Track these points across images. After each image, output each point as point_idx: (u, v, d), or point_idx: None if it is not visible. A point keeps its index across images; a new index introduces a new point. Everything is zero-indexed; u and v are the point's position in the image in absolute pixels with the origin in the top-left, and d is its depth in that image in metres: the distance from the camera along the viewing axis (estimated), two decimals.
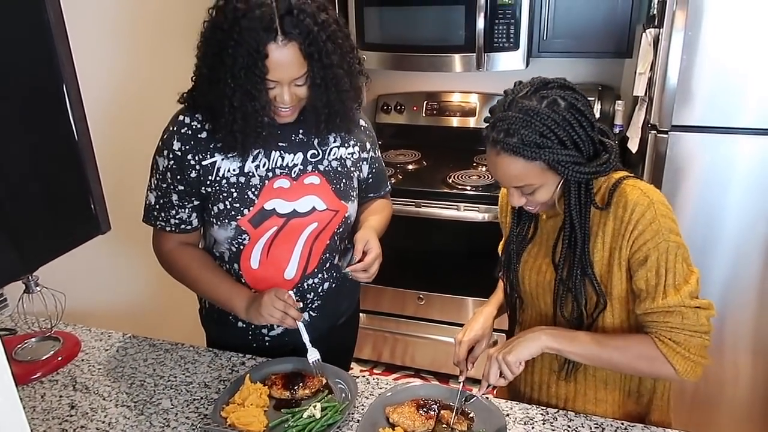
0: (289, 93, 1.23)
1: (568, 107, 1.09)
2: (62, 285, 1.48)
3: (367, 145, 1.48)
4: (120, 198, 1.68)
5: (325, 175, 1.38)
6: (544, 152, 1.07)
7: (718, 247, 2.01)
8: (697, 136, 1.95)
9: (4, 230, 0.77)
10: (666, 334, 1.14)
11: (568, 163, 1.09)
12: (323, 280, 1.44)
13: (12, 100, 0.79)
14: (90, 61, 1.74)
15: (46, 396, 1.34)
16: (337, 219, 1.40)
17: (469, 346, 1.31)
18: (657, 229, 1.11)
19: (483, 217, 2.41)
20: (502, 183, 1.18)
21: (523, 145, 1.07)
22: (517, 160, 1.09)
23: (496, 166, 1.14)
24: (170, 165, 1.32)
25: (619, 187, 1.16)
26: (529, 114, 1.08)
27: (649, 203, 1.12)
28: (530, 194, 1.15)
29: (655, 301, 1.13)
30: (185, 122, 1.31)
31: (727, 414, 2.21)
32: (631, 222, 1.12)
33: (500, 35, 2.41)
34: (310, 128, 1.34)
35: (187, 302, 1.65)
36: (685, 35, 1.84)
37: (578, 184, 1.14)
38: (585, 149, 1.11)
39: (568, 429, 1.20)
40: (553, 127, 1.07)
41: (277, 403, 1.28)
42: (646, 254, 1.12)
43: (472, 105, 2.89)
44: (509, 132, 1.08)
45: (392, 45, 2.59)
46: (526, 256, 1.29)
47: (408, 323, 2.76)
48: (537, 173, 1.11)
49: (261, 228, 1.34)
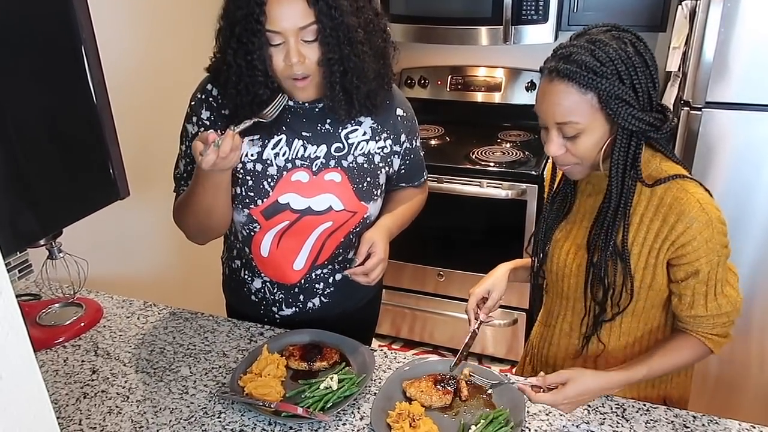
0: (297, 51, 1.13)
1: (637, 53, 1.05)
2: (85, 252, 1.50)
3: (402, 137, 1.36)
4: (143, 166, 1.69)
5: (348, 173, 1.30)
6: (600, 82, 1.02)
7: (748, 227, 1.96)
8: (732, 114, 1.88)
9: (23, 192, 0.77)
10: (712, 331, 1.15)
11: (623, 103, 1.03)
12: (333, 272, 1.40)
13: (30, 61, 0.78)
14: (112, 28, 1.73)
15: (69, 360, 1.36)
16: (355, 220, 1.33)
17: (479, 297, 1.29)
18: (712, 248, 1.09)
19: (506, 194, 2.38)
20: (546, 118, 1.09)
21: (580, 69, 1.02)
22: (570, 88, 1.03)
23: (544, 95, 1.08)
24: (199, 132, 1.27)
25: (674, 188, 1.10)
26: (594, 44, 1.04)
27: (708, 222, 1.08)
28: (572, 139, 1.08)
29: (708, 308, 1.13)
30: (213, 93, 1.27)
31: (752, 396, 2.17)
32: (685, 235, 1.08)
33: (529, 7, 2.34)
34: (331, 109, 1.24)
35: (208, 272, 1.66)
36: (724, 7, 1.76)
37: (627, 144, 1.07)
38: (642, 96, 1.05)
39: (588, 408, 1.19)
40: (615, 59, 1.02)
41: (294, 374, 1.28)
42: (697, 268, 1.10)
43: (498, 80, 2.83)
44: (569, 57, 1.04)
45: (417, 17, 2.54)
46: (558, 234, 1.25)
47: (427, 299, 2.76)
48: (586, 110, 1.05)
49: (273, 220, 1.29)
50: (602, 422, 1.15)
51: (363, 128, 1.31)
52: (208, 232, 1.34)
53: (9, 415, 0.58)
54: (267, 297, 1.43)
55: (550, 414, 1.17)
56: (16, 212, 0.80)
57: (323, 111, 1.28)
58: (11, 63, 0.78)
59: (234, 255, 1.45)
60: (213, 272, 1.59)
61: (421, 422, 1.10)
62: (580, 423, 1.15)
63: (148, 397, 1.24)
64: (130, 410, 1.20)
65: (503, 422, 1.12)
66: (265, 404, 1.16)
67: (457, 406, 1.19)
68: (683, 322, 1.17)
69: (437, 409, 1.18)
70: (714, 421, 1.15)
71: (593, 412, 1.18)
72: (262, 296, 1.44)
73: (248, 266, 1.41)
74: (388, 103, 1.34)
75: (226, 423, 1.17)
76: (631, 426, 1.14)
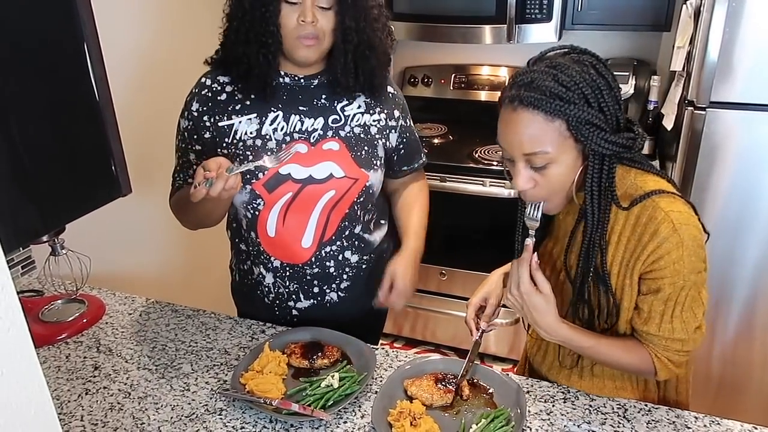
0: (312, 13, 1.20)
1: (600, 75, 1.01)
2: (88, 249, 1.50)
3: (396, 113, 1.43)
4: (146, 164, 1.69)
5: (345, 141, 1.34)
6: (568, 107, 0.97)
7: (752, 228, 1.95)
8: (737, 114, 1.87)
9: (25, 188, 0.77)
10: (663, 353, 1.11)
11: (593, 127, 0.99)
12: (342, 248, 1.41)
13: (32, 58, 0.78)
14: (115, 27, 1.73)
15: (71, 357, 1.36)
16: (357, 188, 1.36)
17: (476, 306, 1.29)
18: (679, 269, 1.04)
19: (509, 193, 2.37)
20: (511, 150, 1.04)
21: (545, 96, 0.97)
22: (536, 117, 0.99)
23: (508, 125, 1.03)
24: (188, 125, 1.34)
25: (649, 206, 1.06)
26: (556, 68, 1.00)
27: (678, 243, 1.03)
28: (541, 170, 1.03)
29: (661, 328, 1.09)
30: (206, 84, 1.34)
31: (755, 397, 2.16)
32: (654, 253, 1.05)
33: (533, 6, 2.33)
34: (333, 82, 1.31)
35: (211, 270, 1.66)
36: (729, 6, 1.75)
37: (599, 169, 1.03)
38: (611, 118, 1.01)
39: (590, 408, 1.18)
40: (579, 82, 0.98)
41: (296, 371, 1.28)
42: (660, 286, 1.07)
43: (501, 79, 2.82)
44: (531, 84, 0.99)
45: (421, 15, 2.53)
46: (543, 250, 1.24)
47: (430, 298, 2.75)
48: (555, 138, 1.00)
49: (275, 193, 1.32)
50: (603, 422, 1.15)
51: (357, 102, 1.38)
52: (205, 226, 1.41)
53: (9, 410, 0.58)
54: (281, 292, 1.43)
55: (551, 414, 1.17)
56: (19, 208, 0.80)
57: (319, 86, 1.34)
58: (14, 59, 0.78)
59: (243, 257, 1.46)
60: (215, 269, 1.59)
61: (421, 421, 1.10)
62: (582, 423, 1.15)
63: (149, 394, 1.24)
64: (132, 407, 1.21)
65: (504, 422, 1.12)
66: (267, 402, 1.16)
67: (458, 405, 1.19)
68: (637, 333, 1.14)
69: (438, 408, 1.18)
70: (716, 422, 1.15)
71: (594, 411, 1.18)
72: (276, 293, 1.44)
73: (258, 258, 1.42)
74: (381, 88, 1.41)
75: (228, 420, 1.17)
76: (632, 426, 1.14)
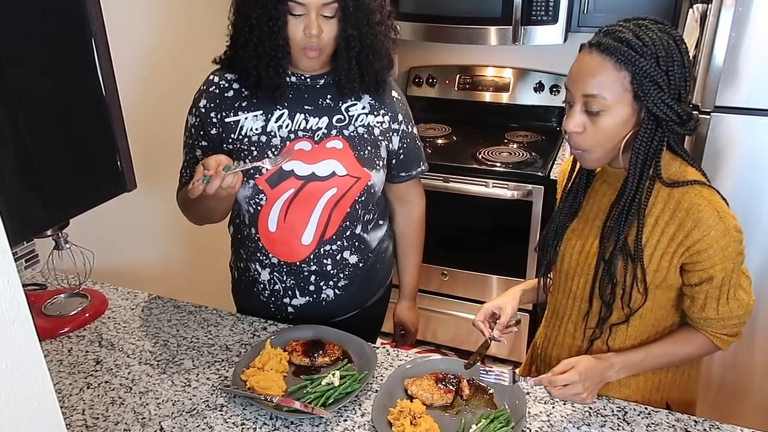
0: (317, 25, 1.21)
1: (679, 50, 1.06)
2: (91, 244, 1.50)
3: (399, 116, 1.44)
4: (151, 159, 1.70)
5: (349, 141, 1.35)
6: (638, 59, 1.02)
7: (755, 233, 1.94)
8: (741, 118, 1.86)
9: (30, 183, 0.77)
10: (722, 331, 1.17)
11: (655, 86, 1.04)
12: (342, 248, 1.41)
13: (40, 53, 0.79)
14: (123, 24, 1.74)
15: (73, 350, 1.37)
16: (359, 186, 1.36)
17: (488, 313, 1.29)
18: (728, 255, 1.10)
19: (512, 194, 2.37)
20: (574, 90, 1.09)
21: (621, 45, 1.03)
22: (606, 62, 1.04)
23: (580, 66, 1.09)
24: (196, 122, 1.35)
25: (691, 193, 1.10)
26: (641, 27, 1.06)
27: (725, 230, 1.09)
28: (595, 116, 1.07)
29: (719, 311, 1.14)
30: (214, 81, 1.35)
31: (755, 402, 2.16)
32: (701, 242, 1.09)
33: (539, 7, 2.33)
34: (339, 84, 1.32)
35: (213, 266, 1.67)
36: (735, 11, 1.75)
37: (651, 134, 1.07)
38: (674, 86, 1.05)
39: (589, 410, 1.18)
40: (657, 42, 1.04)
41: (297, 369, 1.28)
42: (712, 274, 1.12)
43: (506, 80, 2.82)
44: (612, 34, 1.06)
45: (426, 15, 2.53)
46: (570, 233, 1.25)
47: (431, 298, 2.75)
48: (617, 88, 1.05)
49: (278, 189, 1.33)
50: (603, 425, 1.15)
51: (362, 103, 1.39)
52: (211, 221, 1.43)
53: (13, 403, 0.58)
54: (277, 288, 1.44)
55: (550, 415, 1.17)
56: (24, 202, 0.80)
57: (324, 86, 1.35)
58: (21, 54, 0.78)
59: (241, 254, 1.46)
60: (218, 266, 1.59)
61: (421, 420, 1.10)
62: (581, 425, 1.15)
63: (150, 389, 1.24)
64: (133, 401, 1.21)
65: (504, 422, 1.12)
66: (267, 399, 1.17)
67: (458, 404, 1.19)
68: (694, 321, 1.18)
69: (438, 407, 1.18)
70: (716, 426, 1.15)
71: (594, 414, 1.18)
72: (272, 289, 1.44)
73: (256, 255, 1.42)
74: (385, 86, 1.42)
75: (228, 416, 1.17)
76: (632, 429, 1.14)
